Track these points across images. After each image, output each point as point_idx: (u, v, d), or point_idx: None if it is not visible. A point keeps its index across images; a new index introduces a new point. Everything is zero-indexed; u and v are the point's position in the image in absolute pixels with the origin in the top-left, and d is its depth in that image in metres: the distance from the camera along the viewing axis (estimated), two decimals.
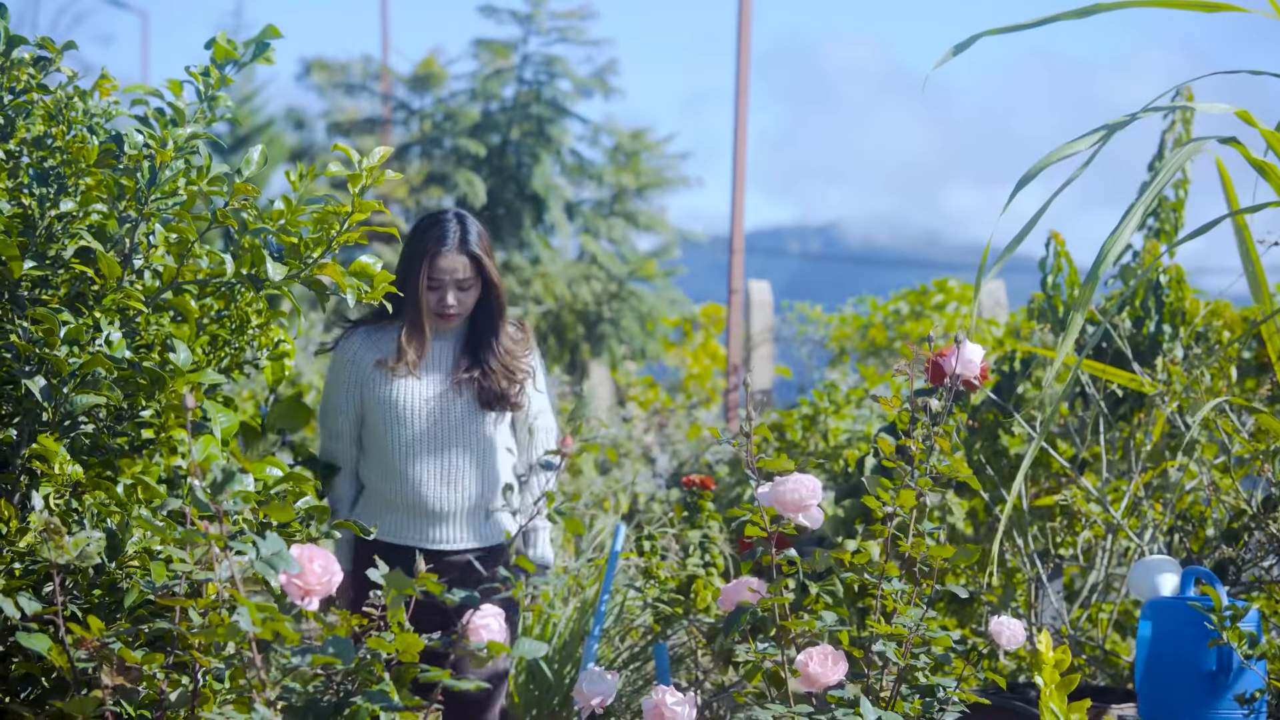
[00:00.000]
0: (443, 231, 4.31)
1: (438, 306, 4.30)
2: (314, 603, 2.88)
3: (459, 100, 13.52)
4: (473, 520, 4.36)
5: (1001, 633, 3.47)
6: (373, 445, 4.36)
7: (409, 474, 4.30)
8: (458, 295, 4.30)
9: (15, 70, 3.78)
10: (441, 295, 4.30)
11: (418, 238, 4.35)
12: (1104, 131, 4.22)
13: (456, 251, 4.29)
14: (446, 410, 4.33)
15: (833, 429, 6.17)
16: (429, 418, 4.31)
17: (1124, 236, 3.99)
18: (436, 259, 4.28)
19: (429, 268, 4.29)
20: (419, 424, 4.31)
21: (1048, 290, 5.86)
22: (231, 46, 3.91)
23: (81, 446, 3.69)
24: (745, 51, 9.43)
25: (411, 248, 4.34)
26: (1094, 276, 3.89)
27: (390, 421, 4.31)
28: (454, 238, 4.30)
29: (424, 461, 4.31)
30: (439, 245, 4.29)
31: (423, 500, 4.31)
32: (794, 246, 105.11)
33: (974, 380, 4.42)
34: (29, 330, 3.52)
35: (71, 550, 2.82)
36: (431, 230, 4.33)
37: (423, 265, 4.29)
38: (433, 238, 4.30)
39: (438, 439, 4.32)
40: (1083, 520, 5.39)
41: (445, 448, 4.33)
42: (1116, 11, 4.78)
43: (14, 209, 3.67)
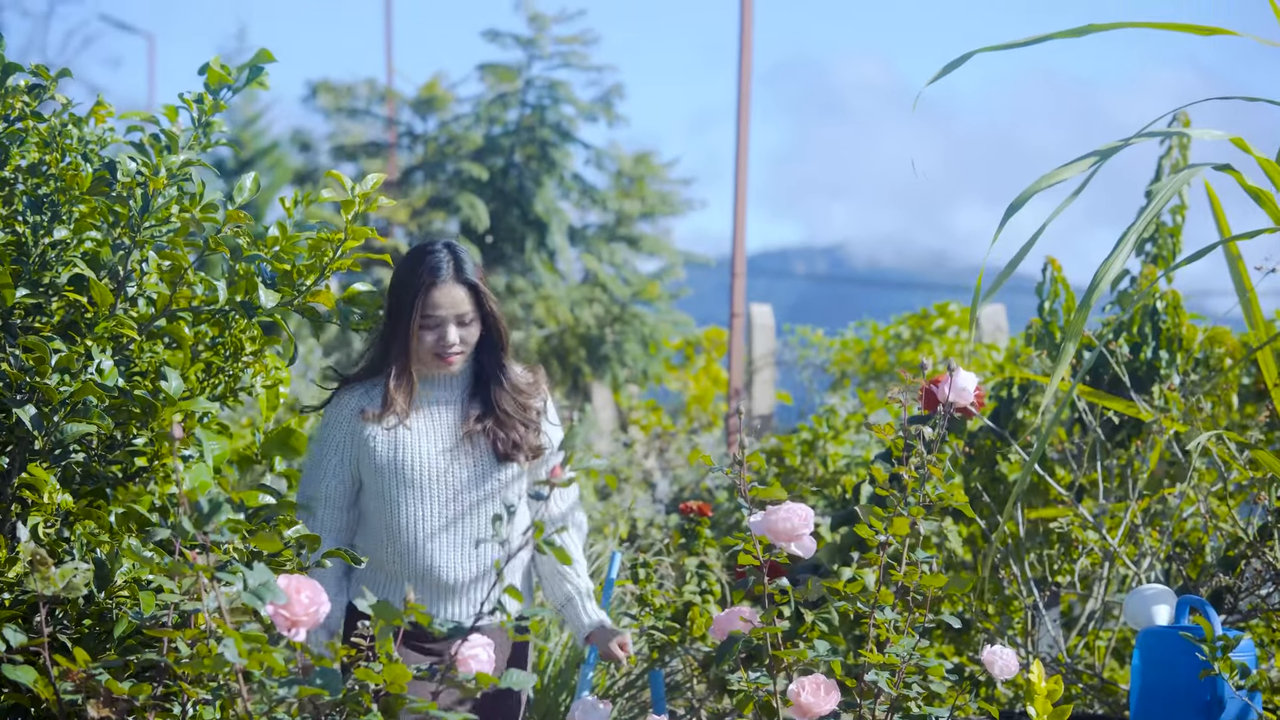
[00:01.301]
0: (435, 262, 3.88)
1: (437, 346, 3.86)
2: (301, 633, 2.87)
3: (462, 124, 13.54)
4: (477, 590, 3.93)
5: (994, 662, 3.46)
6: (373, 512, 3.93)
7: (418, 542, 3.86)
8: (459, 332, 3.86)
9: (10, 98, 3.78)
10: (441, 334, 3.85)
11: (406, 273, 3.91)
12: (1095, 157, 4.22)
13: (453, 282, 3.86)
14: (459, 467, 3.87)
15: (832, 454, 6.15)
16: (439, 477, 3.87)
17: (1117, 264, 3.99)
18: (431, 292, 3.84)
19: (423, 304, 3.85)
20: (428, 485, 3.86)
21: (1044, 315, 5.86)
22: (226, 71, 3.91)
23: (73, 475, 3.69)
24: (746, 83, 9.44)
25: (401, 284, 3.90)
26: (1086, 305, 3.88)
27: (395, 484, 3.87)
28: (448, 268, 3.86)
29: (435, 527, 3.87)
30: (433, 277, 3.85)
31: (434, 572, 3.86)
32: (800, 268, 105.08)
33: (969, 408, 4.41)
34: (20, 358, 3.52)
35: (58, 581, 2.81)
36: (422, 262, 3.90)
37: (415, 302, 3.85)
38: (425, 270, 3.87)
39: (450, 500, 3.87)
40: (1079, 547, 5.38)
41: (459, 510, 3.88)
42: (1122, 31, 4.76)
43: (8, 236, 3.67)
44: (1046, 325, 5.86)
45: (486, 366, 3.94)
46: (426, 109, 13.83)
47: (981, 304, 4.14)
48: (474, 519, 3.88)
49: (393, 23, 15.07)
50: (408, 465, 3.86)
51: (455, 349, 3.86)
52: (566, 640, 5.44)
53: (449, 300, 3.86)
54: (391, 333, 3.90)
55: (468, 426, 3.89)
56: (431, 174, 13.47)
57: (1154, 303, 5.64)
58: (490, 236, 12.89)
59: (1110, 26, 4.22)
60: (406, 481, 3.86)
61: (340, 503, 3.97)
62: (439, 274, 3.87)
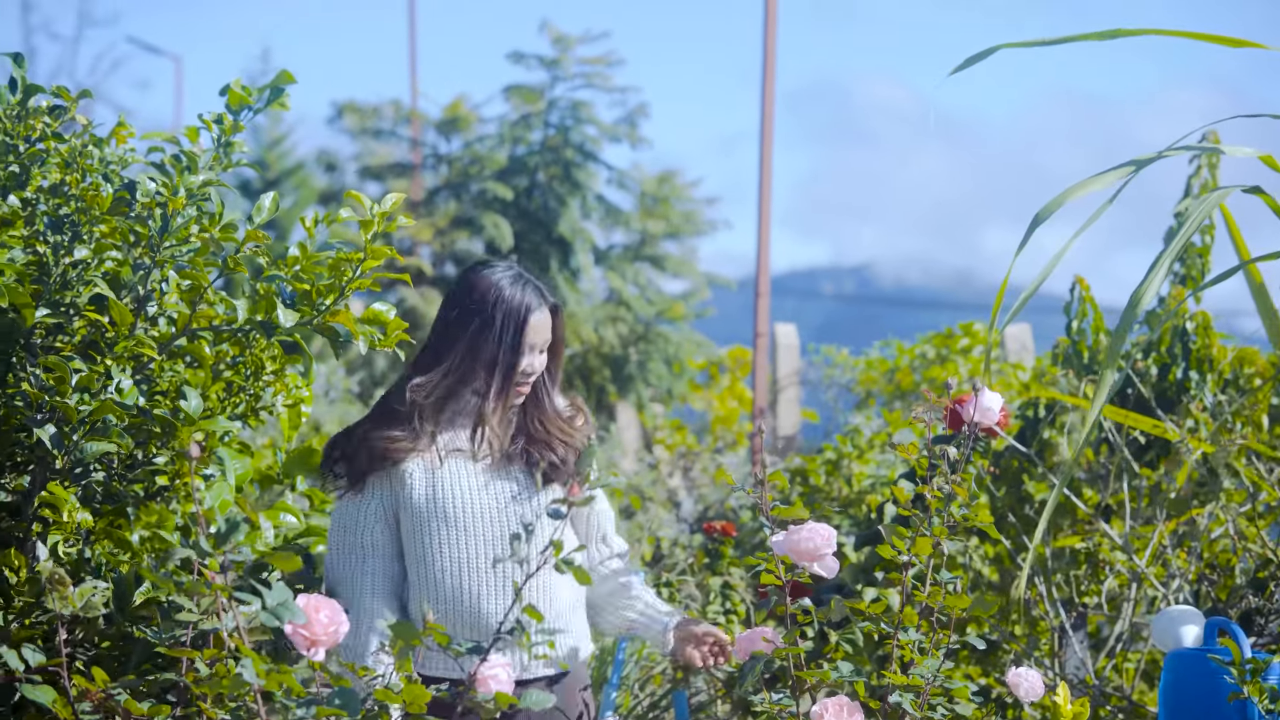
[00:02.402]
0: (529, 285, 3.61)
1: (522, 375, 3.60)
2: (320, 653, 2.86)
3: (486, 144, 13.56)
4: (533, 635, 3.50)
5: (1020, 684, 3.42)
6: (412, 558, 3.57)
7: (462, 585, 3.51)
8: (538, 361, 3.62)
9: (31, 119, 3.79)
10: (530, 362, 3.59)
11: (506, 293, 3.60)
12: (1131, 167, 4.17)
13: (547, 309, 3.61)
14: (499, 495, 3.57)
15: (856, 474, 6.12)
16: (482, 513, 3.54)
17: (1152, 288, 3.93)
18: (531, 318, 3.57)
19: (525, 330, 3.56)
20: (470, 522, 3.53)
21: (1072, 335, 5.82)
22: (246, 93, 3.91)
23: (94, 494, 3.69)
24: (770, 104, 9.43)
25: (499, 303, 3.58)
26: (1122, 330, 3.83)
27: (433, 522, 3.53)
28: (541, 292, 3.62)
29: (481, 567, 3.52)
30: (535, 299, 3.59)
31: (483, 619, 3.51)
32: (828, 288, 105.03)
33: (994, 427, 4.38)
34: (40, 378, 3.52)
35: (76, 601, 2.80)
36: (517, 285, 3.61)
37: (517, 326, 3.55)
38: (529, 293, 3.59)
39: (496, 537, 3.54)
40: (1107, 568, 5.33)
41: (502, 547, 3.53)
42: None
43: (29, 256, 3.68)
44: (1074, 344, 5.82)
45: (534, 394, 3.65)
46: (450, 129, 13.86)
47: (1006, 323, 4.10)
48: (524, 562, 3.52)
49: (417, 44, 15.12)
50: (444, 497, 3.52)
51: (532, 378, 3.61)
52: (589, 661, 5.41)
53: (544, 327, 3.60)
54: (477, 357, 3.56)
55: (503, 449, 3.60)
56: (456, 194, 13.49)
57: (1184, 323, 5.60)
58: (514, 256, 12.90)
59: (1138, 33, 4.18)
60: (447, 520, 3.52)
61: (389, 550, 3.57)
62: (539, 298, 3.60)
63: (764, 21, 9.75)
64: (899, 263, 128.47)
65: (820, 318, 64.33)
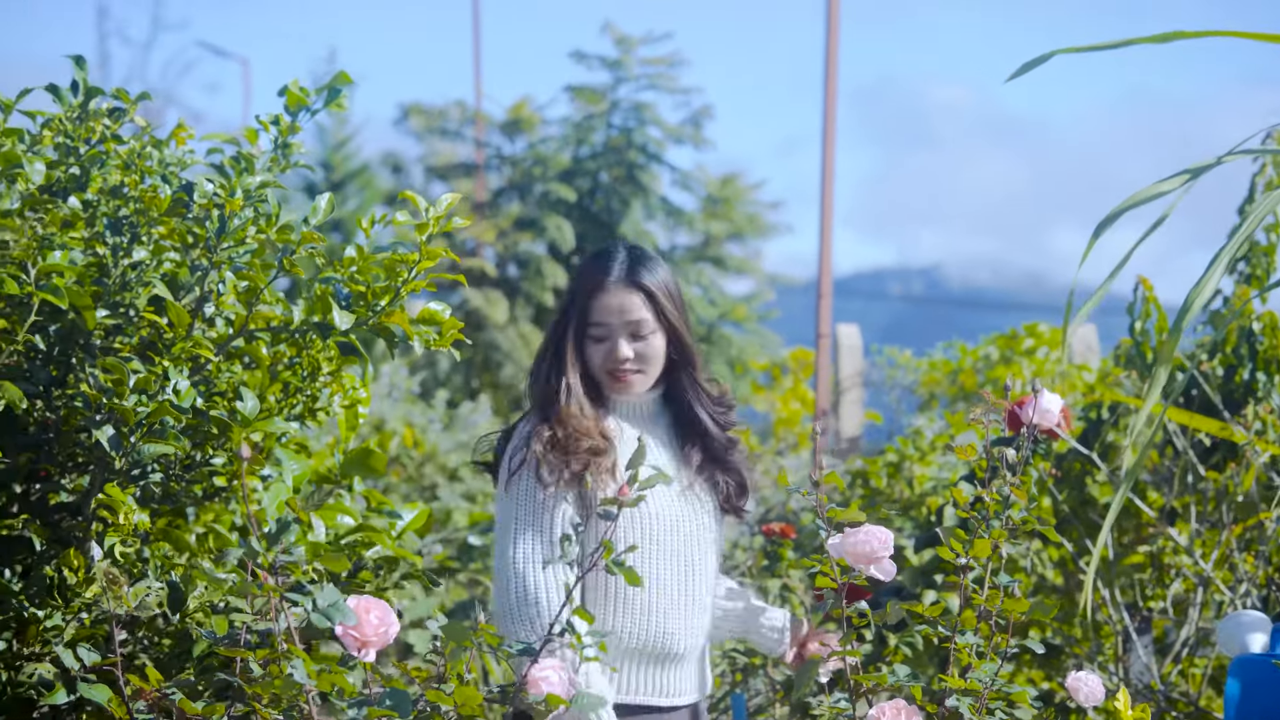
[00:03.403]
0: (606, 261, 3.30)
1: (608, 363, 3.24)
2: (371, 654, 2.86)
3: (550, 146, 13.59)
4: (703, 660, 3.37)
5: (1079, 689, 3.37)
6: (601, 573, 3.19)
7: (654, 605, 3.22)
8: (632, 345, 3.24)
9: (91, 121, 3.82)
10: (611, 347, 3.24)
11: (576, 277, 3.36)
12: (1187, 175, 4.12)
13: (624, 285, 3.25)
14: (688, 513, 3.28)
15: (918, 476, 6.07)
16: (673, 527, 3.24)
17: (1208, 287, 3.87)
18: (599, 294, 3.25)
19: (588, 308, 3.26)
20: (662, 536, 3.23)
21: (1135, 335, 5.74)
22: (304, 94, 3.93)
23: (152, 495, 3.71)
24: (832, 106, 9.38)
25: (568, 292, 3.36)
26: (1177, 331, 3.77)
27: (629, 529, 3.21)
28: (620, 268, 3.27)
29: (672, 587, 3.24)
30: (600, 276, 3.26)
31: (667, 640, 3.24)
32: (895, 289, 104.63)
33: (1055, 429, 4.33)
34: (98, 379, 3.54)
35: (131, 601, 2.81)
36: (592, 262, 3.33)
37: (576, 306, 3.28)
38: (593, 269, 3.30)
39: (680, 554, 3.25)
40: (1172, 572, 5.26)
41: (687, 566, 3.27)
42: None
43: (89, 258, 3.70)
44: (1137, 345, 5.74)
45: (685, 400, 3.33)
46: (514, 130, 13.90)
47: (1074, 325, 4.06)
48: (702, 576, 3.30)
49: (481, 45, 15.16)
50: (639, 508, 3.18)
51: (628, 364, 3.24)
52: None
53: (619, 305, 3.23)
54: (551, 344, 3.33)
55: (689, 475, 3.29)
56: (519, 195, 13.52)
57: (1250, 323, 5.51)
58: (577, 258, 12.90)
59: (1197, 35, 4.12)
60: (637, 530, 3.20)
61: None
62: (608, 273, 3.26)
63: (826, 23, 9.70)
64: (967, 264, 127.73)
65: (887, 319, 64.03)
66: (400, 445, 7.16)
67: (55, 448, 3.63)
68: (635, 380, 3.25)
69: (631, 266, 3.26)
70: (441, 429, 8.02)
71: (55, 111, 3.82)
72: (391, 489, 6.93)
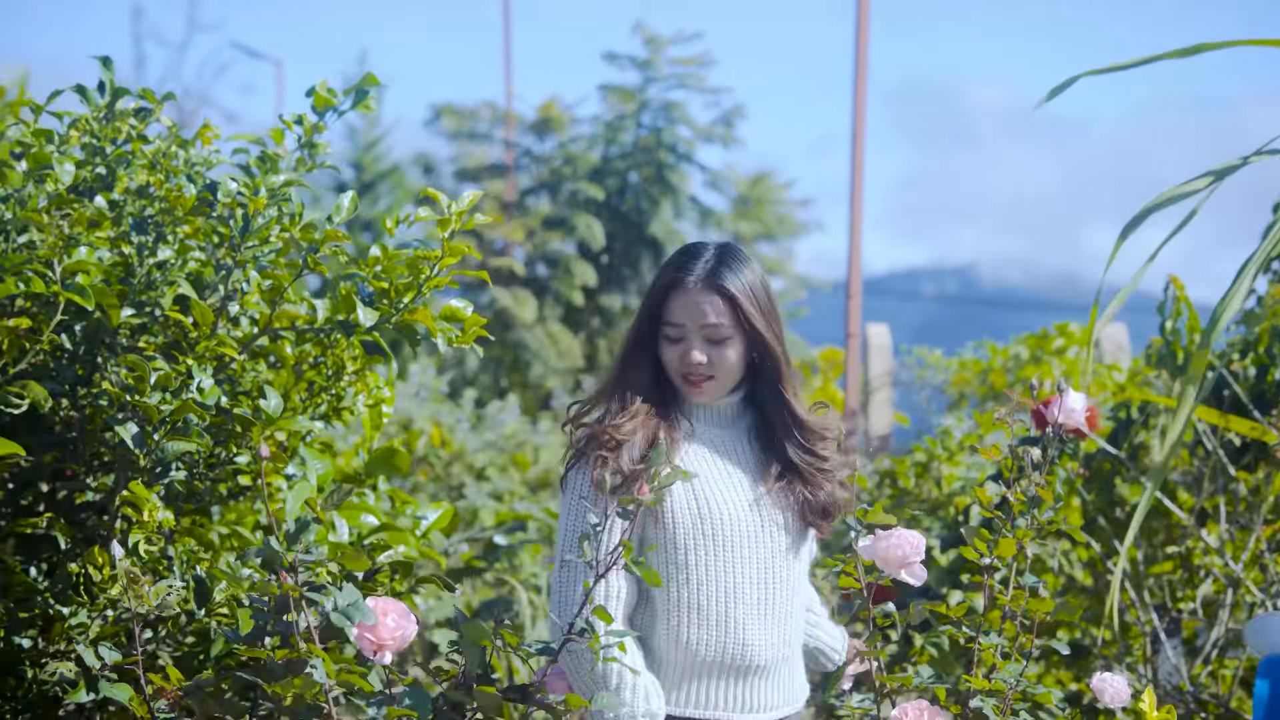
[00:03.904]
0: (690, 260, 3.10)
1: (682, 366, 3.08)
2: (386, 656, 2.85)
3: (579, 145, 13.59)
4: (791, 671, 3.22)
5: (1104, 690, 3.35)
6: (671, 580, 3.07)
7: (728, 614, 3.06)
8: (707, 349, 3.08)
9: (118, 121, 3.83)
10: (684, 350, 3.08)
11: (659, 272, 3.16)
12: (1213, 176, 4.09)
13: (705, 286, 3.07)
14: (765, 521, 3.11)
15: (946, 476, 6.05)
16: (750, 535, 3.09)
17: (1237, 298, 3.83)
18: (677, 294, 3.08)
19: (665, 307, 3.09)
20: (739, 543, 3.07)
21: (1166, 335, 5.70)
22: (331, 94, 3.93)
23: (176, 494, 3.72)
24: (861, 106, 9.36)
25: (651, 286, 3.16)
26: (1207, 343, 3.74)
27: (700, 539, 3.05)
28: (702, 268, 3.08)
29: (749, 595, 3.09)
30: (681, 275, 3.08)
31: (747, 652, 3.08)
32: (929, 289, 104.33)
33: (1081, 428, 4.30)
34: (122, 377, 3.55)
35: (152, 599, 2.81)
36: (676, 259, 3.13)
37: (654, 303, 3.11)
38: (672, 266, 3.11)
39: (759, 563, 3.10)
40: (1201, 573, 5.23)
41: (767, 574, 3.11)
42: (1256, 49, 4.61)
43: (115, 257, 3.72)
44: (1168, 345, 5.70)
45: (770, 408, 3.16)
46: (543, 130, 13.91)
47: (1101, 324, 4.03)
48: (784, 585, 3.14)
49: (511, 44, 15.18)
50: (713, 515, 3.05)
51: (700, 369, 3.07)
52: None
53: (694, 308, 3.06)
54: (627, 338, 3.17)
55: (769, 484, 3.12)
56: (549, 194, 13.53)
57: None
58: (606, 257, 12.91)
59: (1222, 45, 4.09)
60: (713, 537, 3.05)
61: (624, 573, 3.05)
62: (688, 271, 3.09)
63: (856, 23, 9.68)
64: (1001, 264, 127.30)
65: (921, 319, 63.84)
66: (428, 445, 7.17)
67: (80, 446, 3.64)
68: (708, 386, 3.09)
69: (716, 268, 3.07)
70: (469, 428, 8.04)
71: (83, 112, 3.84)
72: (419, 488, 6.93)
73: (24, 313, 3.59)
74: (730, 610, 3.04)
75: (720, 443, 3.14)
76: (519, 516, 5.52)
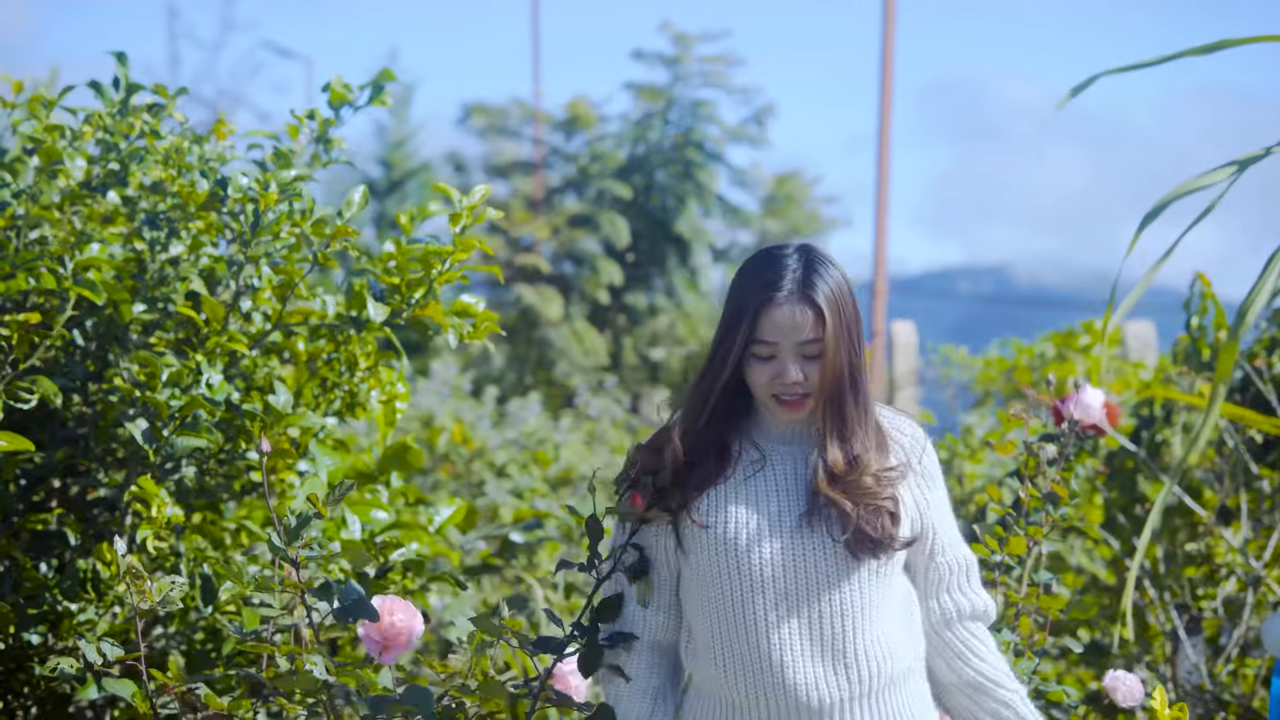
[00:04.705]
0: (777, 271, 2.80)
1: (775, 385, 2.79)
2: (392, 656, 2.83)
3: (606, 144, 13.59)
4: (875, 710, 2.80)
5: (1117, 688, 3.31)
6: (705, 613, 2.80)
7: (765, 651, 2.75)
8: (804, 367, 2.79)
9: (131, 117, 3.83)
10: (780, 369, 2.78)
11: (742, 285, 2.85)
12: (1235, 167, 4.04)
13: (798, 299, 2.78)
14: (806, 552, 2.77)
15: (968, 474, 6.01)
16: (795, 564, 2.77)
17: (1261, 298, 3.78)
18: (768, 310, 2.77)
19: (754, 325, 2.78)
20: (779, 572, 2.77)
21: (1192, 332, 5.65)
22: (347, 90, 3.92)
23: (187, 490, 3.71)
24: (888, 107, 9.32)
25: (733, 300, 2.83)
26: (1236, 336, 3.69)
27: (733, 569, 2.78)
28: (793, 279, 2.79)
29: (792, 629, 2.76)
30: (769, 291, 2.78)
31: (794, 691, 2.74)
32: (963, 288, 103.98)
33: (1099, 424, 4.26)
34: (132, 373, 3.55)
35: (154, 595, 2.80)
36: (761, 272, 2.83)
37: (742, 324, 2.78)
38: (761, 282, 2.80)
39: (802, 595, 2.76)
40: (1224, 571, 5.18)
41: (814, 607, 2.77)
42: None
43: (127, 253, 3.71)
44: (1194, 342, 5.65)
45: (832, 417, 2.82)
46: (571, 128, 13.91)
47: (1116, 319, 3.98)
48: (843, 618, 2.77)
49: (540, 42, 15.15)
50: (746, 544, 2.77)
51: (798, 390, 2.79)
52: None
53: (788, 324, 2.78)
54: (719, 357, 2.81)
55: (814, 504, 2.79)
56: (576, 192, 13.53)
57: None
58: (632, 254, 12.89)
59: (1243, 42, 4.04)
60: (748, 567, 2.77)
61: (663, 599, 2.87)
62: (778, 287, 2.79)
63: (883, 24, 9.64)
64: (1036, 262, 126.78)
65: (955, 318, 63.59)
66: (449, 442, 7.16)
67: (92, 442, 3.64)
68: (804, 405, 2.79)
69: (806, 276, 2.79)
70: (491, 425, 8.02)
71: (98, 108, 3.84)
72: (440, 485, 6.92)
73: (35, 308, 3.59)
74: (767, 648, 2.74)
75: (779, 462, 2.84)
76: (537, 514, 5.51)
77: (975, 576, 2.95)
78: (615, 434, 8.97)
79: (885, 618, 2.81)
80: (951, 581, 2.92)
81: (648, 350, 12.53)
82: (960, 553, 2.94)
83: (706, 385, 2.81)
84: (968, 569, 2.94)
